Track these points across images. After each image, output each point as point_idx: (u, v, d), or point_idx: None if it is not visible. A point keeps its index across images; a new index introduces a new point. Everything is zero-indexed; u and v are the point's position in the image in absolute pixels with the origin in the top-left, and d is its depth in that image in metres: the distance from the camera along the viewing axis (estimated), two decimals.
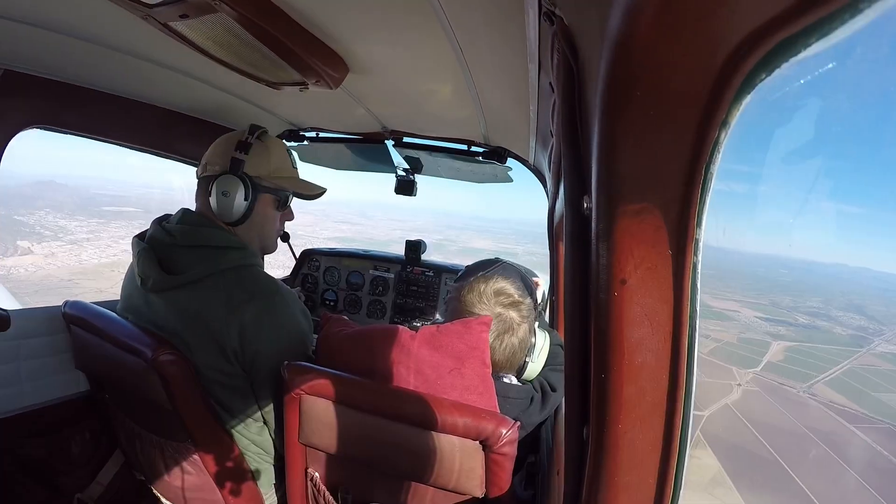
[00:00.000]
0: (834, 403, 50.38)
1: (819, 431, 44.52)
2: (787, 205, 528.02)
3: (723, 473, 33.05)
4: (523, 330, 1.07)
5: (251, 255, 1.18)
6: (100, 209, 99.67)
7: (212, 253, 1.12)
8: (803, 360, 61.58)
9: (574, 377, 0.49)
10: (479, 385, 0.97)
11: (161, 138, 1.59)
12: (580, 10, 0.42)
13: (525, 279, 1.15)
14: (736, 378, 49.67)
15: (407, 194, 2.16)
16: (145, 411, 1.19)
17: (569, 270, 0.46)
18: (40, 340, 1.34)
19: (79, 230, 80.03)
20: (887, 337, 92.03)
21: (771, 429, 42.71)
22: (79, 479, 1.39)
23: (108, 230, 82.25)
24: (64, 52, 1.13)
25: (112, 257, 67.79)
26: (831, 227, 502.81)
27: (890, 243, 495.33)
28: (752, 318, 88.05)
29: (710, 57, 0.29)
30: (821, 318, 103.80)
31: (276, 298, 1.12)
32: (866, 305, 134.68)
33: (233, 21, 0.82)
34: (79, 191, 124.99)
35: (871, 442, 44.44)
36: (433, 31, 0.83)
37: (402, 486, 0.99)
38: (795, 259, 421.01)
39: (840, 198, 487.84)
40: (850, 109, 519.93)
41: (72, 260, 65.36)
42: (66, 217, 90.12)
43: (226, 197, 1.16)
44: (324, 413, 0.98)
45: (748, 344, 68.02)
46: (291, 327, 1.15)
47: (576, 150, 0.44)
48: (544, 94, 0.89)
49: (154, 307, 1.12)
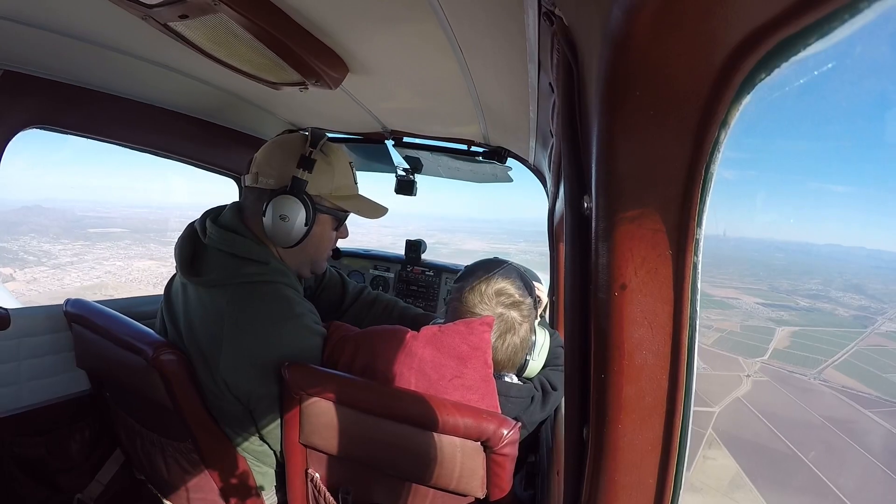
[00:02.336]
0: (847, 388, 49.08)
1: (836, 420, 43.19)
2: (781, 191, 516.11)
3: (741, 475, 31.42)
4: (525, 329, 1.07)
5: (272, 271, 1.08)
6: (85, 231, 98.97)
7: (230, 261, 1.07)
8: (810, 346, 60.33)
9: (574, 377, 0.49)
10: (482, 385, 0.97)
11: (161, 138, 1.59)
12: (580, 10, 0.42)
13: (525, 278, 1.15)
14: (744, 368, 48.44)
15: (407, 194, 2.16)
16: (146, 410, 1.19)
17: (569, 270, 0.46)
18: (41, 339, 1.34)
19: (63, 254, 79.41)
20: (890, 315, 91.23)
21: (786, 421, 41.21)
22: (79, 478, 1.39)
23: (92, 252, 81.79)
24: (63, 53, 1.12)
25: (95, 279, 67.27)
26: (823, 206, 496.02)
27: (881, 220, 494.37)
28: (752, 305, 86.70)
29: (709, 57, 0.29)
30: (821, 300, 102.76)
31: (287, 326, 1.03)
32: (864, 284, 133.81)
33: (232, 21, 0.82)
34: (65, 214, 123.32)
35: (891, 428, 43.17)
36: (433, 30, 0.83)
37: (402, 486, 0.99)
38: (789, 241, 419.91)
39: (827, 178, 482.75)
40: (849, 109, 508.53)
41: (54, 285, 64.62)
42: (50, 241, 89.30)
43: (284, 221, 1.05)
44: (324, 413, 0.98)
45: (752, 332, 66.47)
46: (298, 355, 1.04)
47: (576, 150, 0.44)
48: (544, 93, 0.89)
49: (182, 295, 1.13)
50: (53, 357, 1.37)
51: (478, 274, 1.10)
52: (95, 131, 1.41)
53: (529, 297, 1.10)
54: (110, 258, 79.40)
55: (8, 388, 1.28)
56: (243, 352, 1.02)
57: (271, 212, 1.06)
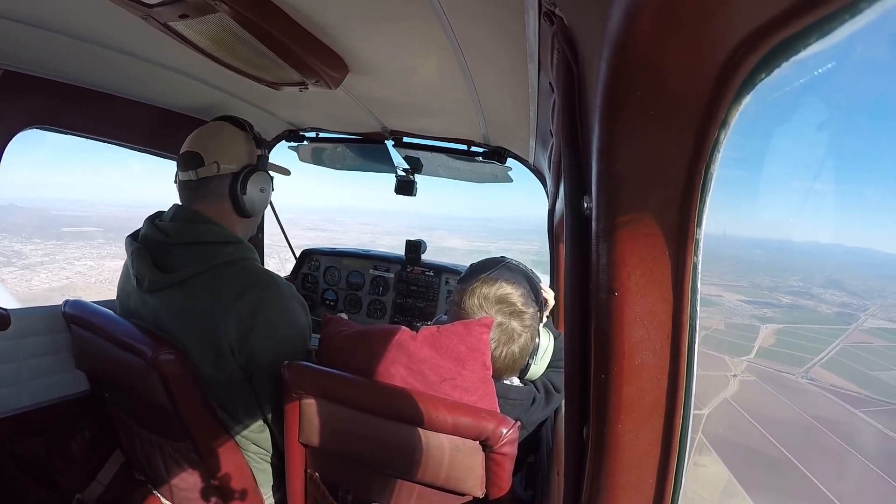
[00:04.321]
0: (835, 387, 48.45)
1: (827, 420, 42.52)
2: (772, 191, 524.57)
3: (734, 482, 30.68)
4: (524, 339, 1.04)
5: (247, 248, 1.17)
6: (59, 231, 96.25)
7: (206, 249, 1.11)
8: (796, 343, 59.67)
9: (574, 377, 0.49)
10: (480, 387, 0.97)
11: (160, 138, 1.59)
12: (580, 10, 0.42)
13: (532, 281, 1.11)
14: (730, 368, 47.87)
15: (407, 194, 2.16)
16: (145, 411, 1.19)
17: (569, 270, 0.46)
18: (40, 340, 1.34)
19: (34, 254, 76.81)
20: (872, 311, 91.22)
21: (777, 423, 40.61)
22: (78, 478, 1.39)
23: (64, 252, 79.58)
24: (64, 53, 1.12)
25: (64, 280, 65.46)
26: (805, 206, 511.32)
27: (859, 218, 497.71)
28: (735, 302, 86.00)
29: (709, 57, 0.29)
30: (803, 296, 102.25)
31: (272, 290, 1.10)
32: (845, 281, 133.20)
33: (232, 21, 0.82)
34: (39, 213, 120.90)
35: (882, 428, 42.62)
36: (433, 30, 0.83)
37: (402, 485, 0.99)
38: (768, 238, 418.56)
39: (813, 177, 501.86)
40: (850, 108, 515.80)
41: (21, 287, 62.29)
42: (22, 241, 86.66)
43: (263, 193, 1.20)
44: (324, 413, 0.98)
45: (737, 329, 65.89)
46: (289, 319, 1.13)
47: (576, 150, 0.44)
48: (544, 94, 0.89)
49: (150, 307, 1.11)
50: (53, 358, 1.36)
51: (480, 276, 1.06)
52: (95, 131, 1.41)
53: (533, 306, 1.06)
54: (82, 258, 76.74)
55: (8, 388, 1.28)
56: (266, 320, 1.08)
57: (252, 187, 1.18)
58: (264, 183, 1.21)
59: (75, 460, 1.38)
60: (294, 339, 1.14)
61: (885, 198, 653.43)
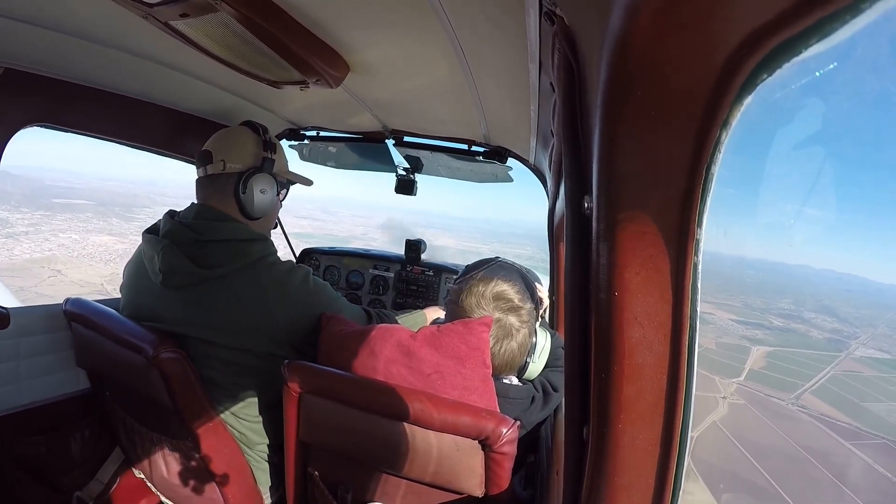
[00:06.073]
0: (826, 417, 47.60)
1: (816, 451, 41.31)
2: (764, 207, 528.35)
3: None
4: (522, 335, 1.05)
5: (271, 245, 1.24)
6: (49, 201, 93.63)
7: (238, 246, 1.16)
8: (786, 368, 59.04)
9: (574, 377, 0.49)
10: (480, 386, 0.97)
11: (161, 137, 1.59)
12: (581, 10, 0.42)
13: (527, 280, 1.12)
14: (720, 390, 46.88)
15: (407, 194, 2.16)
16: (146, 409, 1.19)
17: (569, 270, 0.46)
18: (40, 338, 1.34)
19: (19, 223, 75.35)
20: (863, 340, 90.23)
21: (765, 451, 39.42)
22: (78, 476, 1.39)
23: (51, 223, 77.53)
24: (64, 51, 1.12)
25: (47, 252, 63.76)
26: (798, 227, 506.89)
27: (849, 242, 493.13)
28: (726, 321, 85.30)
29: (711, 57, 0.29)
30: (794, 320, 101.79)
31: (301, 272, 1.21)
32: (836, 307, 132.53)
33: (233, 20, 0.82)
34: (31, 182, 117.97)
35: (871, 462, 41.26)
36: (434, 30, 0.83)
37: (401, 484, 0.99)
38: (760, 260, 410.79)
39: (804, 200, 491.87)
40: (850, 109, 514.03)
41: (2, 255, 61.37)
42: (9, 209, 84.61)
43: (263, 194, 1.23)
44: (323, 411, 0.98)
45: (727, 350, 65.46)
46: (327, 291, 1.25)
47: (576, 150, 0.44)
48: (545, 93, 0.89)
49: (174, 303, 1.12)
50: (53, 356, 1.37)
51: (476, 275, 1.07)
52: (96, 130, 1.41)
53: (530, 302, 1.07)
54: (67, 230, 74.60)
55: (7, 386, 1.28)
56: (299, 303, 1.17)
57: (254, 188, 1.21)
58: (266, 185, 1.23)
59: (75, 458, 1.38)
60: (335, 299, 1.26)
61: (874, 228, 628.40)
